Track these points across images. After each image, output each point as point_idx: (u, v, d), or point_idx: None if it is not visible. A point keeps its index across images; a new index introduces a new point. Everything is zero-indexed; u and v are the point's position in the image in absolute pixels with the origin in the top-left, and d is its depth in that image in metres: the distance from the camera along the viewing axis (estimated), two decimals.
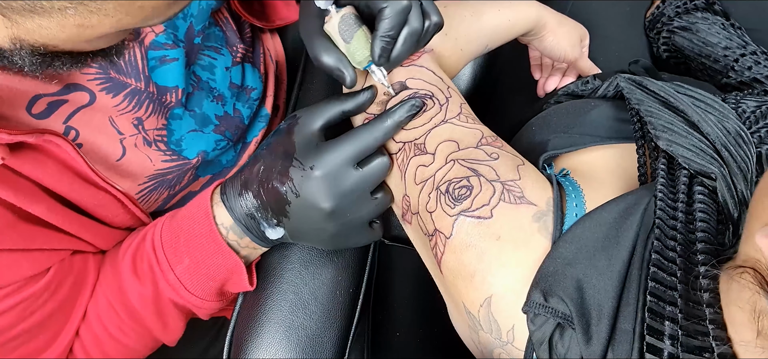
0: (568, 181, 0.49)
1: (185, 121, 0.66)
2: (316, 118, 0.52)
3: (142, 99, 0.59)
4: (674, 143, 0.48)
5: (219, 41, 0.72)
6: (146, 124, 0.61)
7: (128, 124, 0.59)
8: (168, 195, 0.68)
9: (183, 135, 0.66)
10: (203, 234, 0.54)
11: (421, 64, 0.55)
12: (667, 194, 0.45)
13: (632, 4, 0.83)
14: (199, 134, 0.68)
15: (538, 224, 0.45)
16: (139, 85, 0.58)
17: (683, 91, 0.53)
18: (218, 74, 0.71)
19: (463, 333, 0.53)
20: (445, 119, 0.51)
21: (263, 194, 0.52)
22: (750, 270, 0.35)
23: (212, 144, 0.70)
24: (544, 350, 0.42)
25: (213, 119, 0.70)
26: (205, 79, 0.69)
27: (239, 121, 0.74)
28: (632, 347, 0.39)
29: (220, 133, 0.70)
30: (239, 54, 0.75)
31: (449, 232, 0.47)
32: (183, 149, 0.66)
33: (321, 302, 0.63)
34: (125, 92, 0.58)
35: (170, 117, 0.64)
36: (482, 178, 0.47)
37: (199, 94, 0.68)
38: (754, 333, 0.34)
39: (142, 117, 0.60)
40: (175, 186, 0.68)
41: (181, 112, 0.65)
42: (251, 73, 0.78)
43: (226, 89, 0.72)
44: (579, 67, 0.74)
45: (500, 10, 0.63)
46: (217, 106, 0.71)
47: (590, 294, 0.41)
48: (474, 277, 0.45)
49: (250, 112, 0.76)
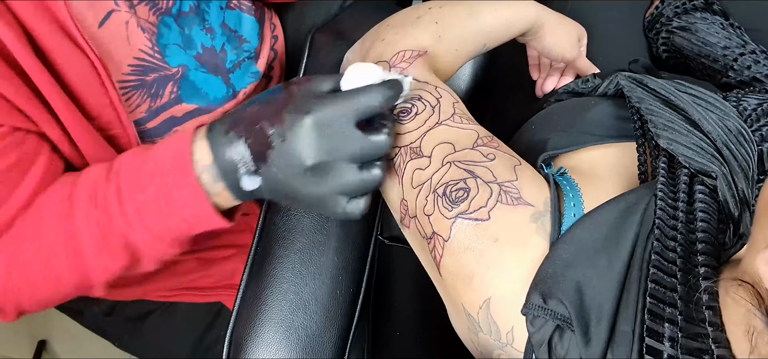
0: (565, 180, 0.49)
1: (173, 32, 0.67)
2: (326, 80, 0.50)
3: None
4: (675, 142, 0.48)
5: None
6: (138, 11, 0.61)
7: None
8: (149, 107, 0.67)
9: (169, 44, 0.67)
10: (174, 166, 0.50)
11: (407, 73, 0.55)
12: (668, 193, 0.45)
13: (631, 4, 0.83)
14: (182, 51, 0.69)
15: (536, 225, 0.45)
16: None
17: (684, 89, 0.53)
18: (212, 8, 0.73)
19: (462, 335, 0.53)
20: (439, 121, 0.51)
21: (249, 136, 0.48)
22: (748, 287, 0.35)
23: (194, 63, 0.70)
24: (543, 351, 0.41)
25: (197, 47, 0.71)
26: (202, 8, 0.71)
27: (222, 62, 0.74)
28: (631, 349, 0.39)
29: (200, 61, 0.71)
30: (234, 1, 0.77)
31: (447, 235, 0.47)
32: (167, 56, 0.66)
33: (321, 302, 0.63)
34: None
35: (161, 22, 0.65)
36: (479, 179, 0.47)
37: (192, 18, 0.70)
38: (748, 349, 0.34)
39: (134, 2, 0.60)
40: (157, 97, 0.67)
41: (170, 22, 0.66)
42: (251, 26, 0.79)
43: (217, 26, 0.73)
44: (577, 67, 0.74)
45: (498, 10, 0.63)
46: (206, 36, 0.72)
47: (589, 296, 0.41)
48: (473, 279, 0.45)
49: (236, 59, 0.77)
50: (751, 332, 0.34)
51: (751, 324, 0.34)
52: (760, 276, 0.33)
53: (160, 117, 0.69)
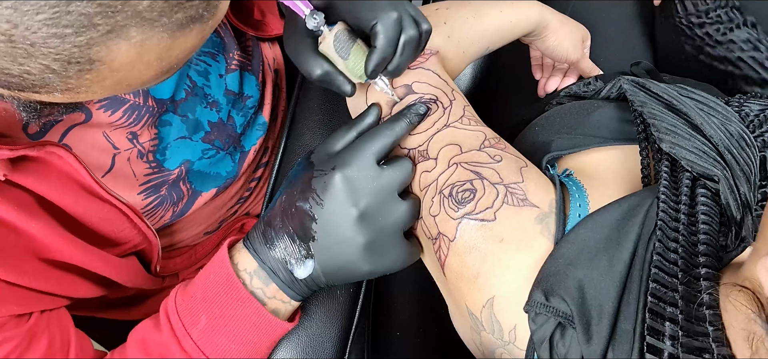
0: (571, 182, 0.49)
1: (175, 127, 0.65)
2: (332, 142, 0.51)
3: (142, 113, 0.58)
4: (677, 145, 0.48)
5: (216, 47, 0.71)
6: (140, 137, 0.60)
7: (123, 138, 0.58)
8: (173, 211, 0.67)
9: (169, 143, 0.64)
10: (220, 283, 0.50)
11: (427, 66, 0.55)
12: (670, 196, 0.46)
13: (633, 4, 0.83)
14: (187, 141, 0.66)
15: (541, 226, 0.45)
16: (138, 100, 0.58)
17: (686, 94, 0.53)
18: (213, 80, 0.70)
19: (464, 335, 0.53)
20: (447, 123, 0.51)
21: (288, 223, 0.48)
22: (749, 293, 0.35)
23: (198, 152, 0.68)
24: (544, 349, 0.42)
25: (205, 126, 0.68)
26: (201, 85, 0.68)
27: (232, 129, 0.72)
28: (632, 347, 0.39)
29: (209, 141, 0.69)
30: (235, 61, 0.73)
31: (453, 235, 0.47)
32: (166, 159, 0.64)
33: (321, 302, 0.63)
34: (124, 108, 0.57)
35: (159, 124, 0.63)
36: (485, 180, 0.47)
37: (193, 100, 0.67)
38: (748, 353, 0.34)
39: (137, 131, 0.59)
40: (179, 202, 0.67)
41: (170, 118, 0.64)
42: (249, 80, 0.76)
43: (221, 96, 0.71)
44: (580, 68, 0.74)
45: (502, 11, 0.63)
46: (211, 112, 0.69)
47: (591, 295, 0.41)
48: (477, 279, 0.45)
49: (244, 120, 0.75)
50: (751, 338, 0.34)
51: (751, 330, 0.34)
52: (761, 283, 0.33)
53: (187, 214, 0.69)
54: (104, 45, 0.32)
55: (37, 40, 0.30)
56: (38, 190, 0.49)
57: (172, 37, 0.34)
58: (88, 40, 0.31)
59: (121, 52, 0.33)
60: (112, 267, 0.57)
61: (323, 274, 0.50)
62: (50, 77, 0.32)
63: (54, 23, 0.30)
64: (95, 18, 0.30)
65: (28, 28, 0.30)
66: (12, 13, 0.29)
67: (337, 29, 0.49)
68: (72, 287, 0.55)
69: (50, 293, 0.53)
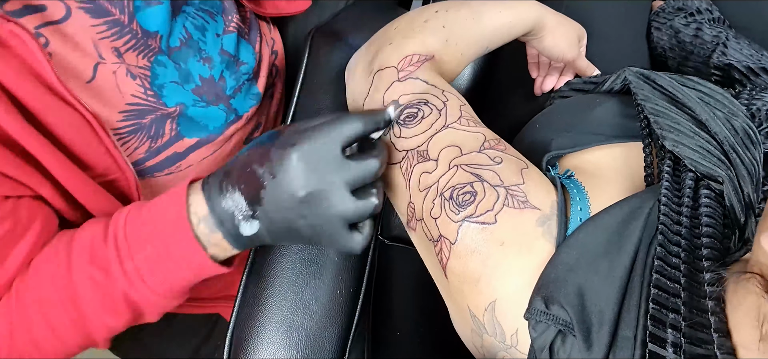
0: (572, 183, 0.49)
1: (169, 71, 0.67)
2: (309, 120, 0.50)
3: (124, 32, 0.59)
4: (680, 144, 0.48)
5: (216, 8, 0.74)
6: (126, 58, 0.61)
7: (108, 51, 0.59)
8: (149, 147, 0.67)
9: (166, 83, 0.66)
10: (172, 223, 0.51)
11: (416, 75, 0.55)
12: (672, 198, 0.45)
13: (627, 4, 0.82)
14: (179, 87, 0.68)
15: (542, 228, 0.45)
16: (122, 18, 0.59)
17: (692, 86, 0.53)
18: (209, 37, 0.72)
19: (465, 337, 0.53)
20: (445, 124, 0.51)
21: (241, 181, 0.49)
22: (757, 276, 0.35)
23: (192, 99, 0.70)
24: (545, 356, 0.41)
25: (196, 78, 0.70)
26: (196, 39, 0.70)
27: (222, 90, 0.74)
28: (634, 354, 0.39)
29: (198, 94, 0.71)
30: (233, 23, 0.76)
31: (454, 238, 0.47)
32: (163, 96, 0.66)
33: (321, 302, 0.63)
34: (107, 19, 0.58)
35: (155, 62, 0.65)
36: (486, 183, 0.47)
37: (186, 51, 0.69)
38: (756, 336, 0.34)
39: (121, 48, 0.60)
40: (157, 138, 0.67)
41: (164, 60, 0.66)
42: (245, 47, 0.78)
43: (216, 54, 0.73)
44: (577, 67, 0.74)
45: (500, 12, 0.62)
46: (203, 67, 0.71)
47: (591, 301, 0.41)
48: (479, 282, 0.45)
49: (236, 84, 0.76)
50: (761, 319, 0.33)
51: (761, 310, 0.34)
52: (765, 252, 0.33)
53: (161, 155, 0.69)
54: None
55: None
56: (1, 78, 0.48)
57: None
58: None
59: None
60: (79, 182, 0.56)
61: (268, 236, 0.51)
62: None
63: None
64: None
65: None
66: None
67: None
68: (31, 177, 0.53)
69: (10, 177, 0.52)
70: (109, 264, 0.51)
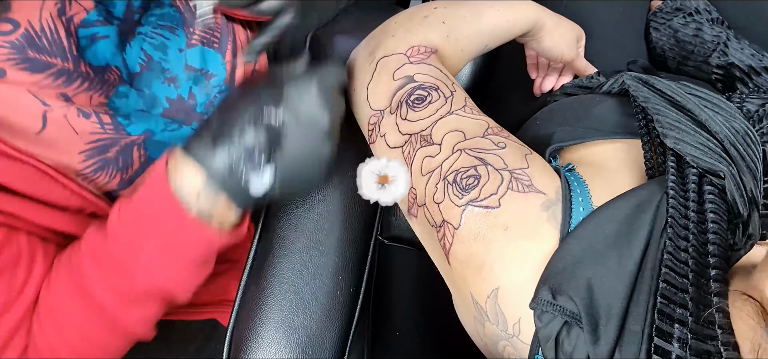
0: (573, 176, 0.49)
1: (131, 100, 0.63)
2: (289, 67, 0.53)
3: (73, 78, 0.56)
4: (682, 141, 0.48)
5: (175, 21, 0.69)
6: (76, 101, 0.57)
7: (53, 97, 0.56)
8: (121, 178, 0.64)
9: (130, 112, 0.63)
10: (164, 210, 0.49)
11: (429, 62, 0.55)
12: (678, 192, 0.45)
13: (625, 4, 0.83)
14: (147, 115, 0.65)
15: (547, 213, 0.45)
16: (66, 65, 0.55)
17: (689, 91, 0.53)
18: (171, 55, 0.67)
19: (468, 325, 0.52)
20: (450, 110, 0.51)
21: (252, 131, 0.48)
22: (756, 303, 0.35)
23: (161, 124, 0.67)
24: (550, 348, 0.41)
25: (163, 101, 0.67)
26: (157, 59, 0.66)
27: (192, 107, 0.70)
28: (640, 348, 0.39)
29: (168, 116, 0.68)
30: (195, 36, 0.71)
31: (457, 223, 0.46)
32: (129, 124, 0.62)
33: (321, 302, 0.63)
34: (50, 71, 0.54)
35: (115, 95, 0.61)
36: (490, 166, 0.47)
37: (148, 75, 0.65)
38: None
39: (70, 94, 0.57)
40: (127, 167, 0.64)
41: (126, 90, 0.63)
42: (214, 57, 0.73)
43: (180, 71, 0.68)
44: (575, 67, 0.74)
45: (500, 11, 0.63)
46: (169, 88, 0.67)
47: (600, 294, 0.40)
48: (482, 268, 0.45)
49: (207, 99, 0.72)
50: (757, 348, 0.34)
51: (756, 341, 0.34)
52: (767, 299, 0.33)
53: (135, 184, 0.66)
54: None
55: None
56: None
57: None
58: None
59: None
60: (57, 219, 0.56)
61: (278, 185, 0.50)
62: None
63: None
64: None
65: None
66: None
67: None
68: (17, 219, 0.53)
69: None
70: (119, 262, 0.50)
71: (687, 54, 0.76)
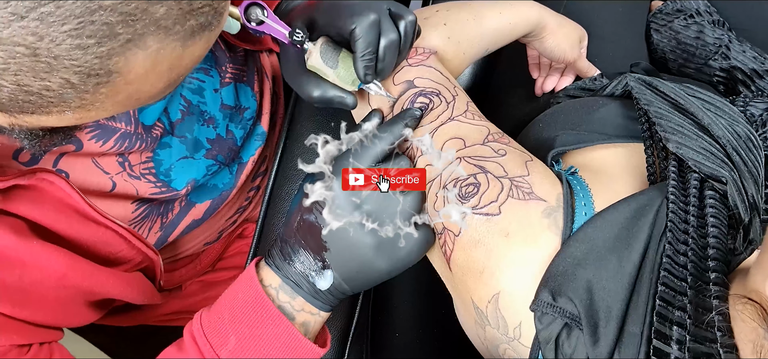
0: (576, 180, 0.49)
1: (175, 149, 0.65)
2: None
3: (133, 141, 0.59)
4: (684, 145, 0.48)
5: (208, 62, 0.70)
6: (131, 159, 0.60)
7: (112, 162, 0.58)
8: (161, 223, 0.66)
9: (173, 164, 0.64)
10: (249, 301, 0.49)
11: (429, 64, 0.55)
12: (679, 197, 0.45)
13: (624, 4, 0.83)
14: (190, 161, 0.66)
15: (548, 220, 0.45)
16: (129, 128, 0.58)
17: (693, 93, 0.53)
18: (208, 96, 0.69)
19: (468, 329, 0.53)
20: (451, 117, 0.51)
21: (301, 238, 0.49)
22: (756, 306, 0.35)
23: (203, 169, 0.68)
24: (550, 349, 0.41)
25: (205, 143, 0.68)
26: (196, 103, 0.67)
27: (232, 143, 0.72)
28: (639, 350, 0.39)
29: (212, 157, 0.69)
30: (229, 74, 0.72)
31: (458, 230, 0.46)
32: (172, 180, 0.64)
33: None
34: (115, 137, 0.57)
35: (158, 147, 0.63)
36: (489, 174, 0.47)
37: (189, 119, 0.66)
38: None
39: (126, 153, 0.59)
40: (167, 213, 0.66)
41: (168, 140, 0.64)
42: (244, 92, 0.75)
43: (217, 111, 0.70)
44: (577, 68, 0.74)
45: (501, 13, 0.63)
46: (208, 129, 0.69)
47: (599, 296, 0.41)
48: (483, 274, 0.45)
49: (244, 132, 0.74)
50: (758, 349, 0.34)
51: (758, 342, 0.34)
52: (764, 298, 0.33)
53: (178, 227, 0.68)
54: (123, 55, 0.33)
55: (61, 52, 0.31)
56: (32, 217, 0.50)
57: (184, 45, 0.35)
58: (108, 50, 0.32)
59: (138, 61, 0.34)
60: (119, 283, 0.57)
61: (344, 282, 0.49)
62: (68, 92, 0.33)
63: (78, 34, 0.30)
64: (117, 27, 0.31)
65: (53, 41, 0.30)
66: (38, 25, 0.30)
67: (320, 42, 0.51)
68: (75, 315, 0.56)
69: (49, 326, 0.54)
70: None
71: (688, 56, 0.76)
